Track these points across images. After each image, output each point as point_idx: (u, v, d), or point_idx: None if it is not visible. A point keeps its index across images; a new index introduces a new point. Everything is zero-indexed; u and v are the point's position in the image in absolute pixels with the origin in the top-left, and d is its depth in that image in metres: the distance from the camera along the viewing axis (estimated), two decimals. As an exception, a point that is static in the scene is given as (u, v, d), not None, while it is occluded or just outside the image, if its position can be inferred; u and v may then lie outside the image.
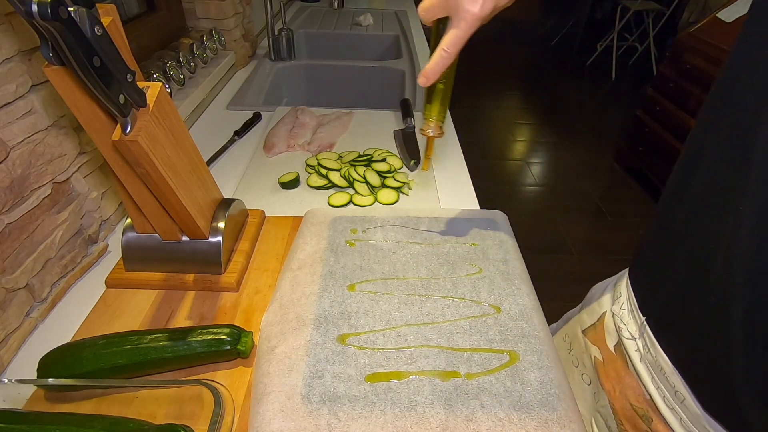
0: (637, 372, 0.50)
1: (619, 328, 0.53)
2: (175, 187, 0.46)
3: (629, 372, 0.51)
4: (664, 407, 0.47)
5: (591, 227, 2.18)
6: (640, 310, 0.50)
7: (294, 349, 0.46)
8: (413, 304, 0.52)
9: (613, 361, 0.54)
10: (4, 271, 0.47)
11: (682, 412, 0.45)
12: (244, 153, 0.88)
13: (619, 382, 0.53)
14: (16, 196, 0.48)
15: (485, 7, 0.40)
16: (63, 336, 0.50)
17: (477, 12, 0.40)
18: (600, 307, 0.59)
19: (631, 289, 0.53)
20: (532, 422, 0.41)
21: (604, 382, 0.55)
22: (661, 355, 0.46)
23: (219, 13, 1.14)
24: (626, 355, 0.52)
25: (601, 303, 0.59)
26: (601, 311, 0.58)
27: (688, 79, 2.04)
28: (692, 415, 0.43)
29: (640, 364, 0.49)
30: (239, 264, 0.58)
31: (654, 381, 0.48)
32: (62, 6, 0.30)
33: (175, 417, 0.42)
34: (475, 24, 0.41)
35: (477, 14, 0.40)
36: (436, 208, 0.73)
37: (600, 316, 0.58)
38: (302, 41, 1.64)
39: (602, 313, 0.58)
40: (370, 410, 0.41)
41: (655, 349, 0.47)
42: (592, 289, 0.64)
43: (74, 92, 0.40)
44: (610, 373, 0.54)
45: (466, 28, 0.41)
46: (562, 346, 0.65)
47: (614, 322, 0.54)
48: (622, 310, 0.53)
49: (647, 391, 0.49)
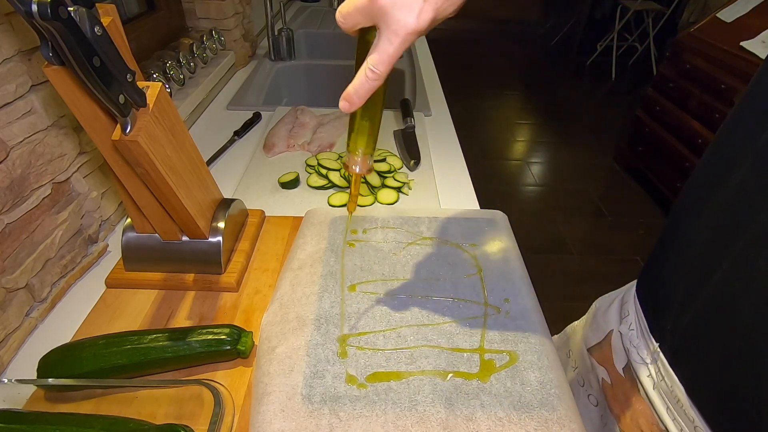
0: (649, 399, 0.45)
1: (627, 350, 0.48)
2: (175, 187, 0.46)
3: (640, 398, 0.46)
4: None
5: (591, 227, 2.18)
6: (651, 333, 0.45)
7: (295, 349, 0.46)
8: (413, 305, 0.52)
9: (622, 384, 0.50)
10: (4, 271, 0.47)
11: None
12: (244, 153, 0.88)
13: (629, 407, 0.48)
14: (16, 196, 0.48)
15: (422, 19, 0.30)
16: (63, 336, 0.50)
17: (412, 25, 0.30)
18: (606, 325, 0.54)
19: (641, 309, 0.48)
20: (531, 422, 0.41)
21: (612, 407, 0.51)
22: (677, 385, 0.41)
23: (219, 13, 1.14)
24: (637, 379, 0.47)
25: (607, 320, 0.54)
26: (608, 329, 0.54)
27: (688, 79, 2.04)
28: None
29: (653, 392, 0.44)
30: (239, 264, 0.58)
31: (669, 412, 0.42)
32: (62, 6, 0.30)
33: (175, 417, 0.42)
34: (409, 39, 0.31)
35: (412, 27, 0.30)
36: (436, 208, 0.73)
37: (606, 335, 0.54)
38: (302, 41, 1.64)
39: (609, 332, 0.53)
40: (371, 409, 0.41)
41: (670, 378, 0.42)
42: (596, 303, 0.60)
43: (74, 92, 0.40)
44: (618, 396, 0.50)
45: (399, 43, 0.31)
46: (566, 362, 0.62)
47: (622, 343, 0.50)
48: (631, 330, 0.49)
49: (661, 421, 0.43)
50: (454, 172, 0.84)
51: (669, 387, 0.42)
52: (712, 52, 1.90)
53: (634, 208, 2.29)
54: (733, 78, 1.78)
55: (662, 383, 0.43)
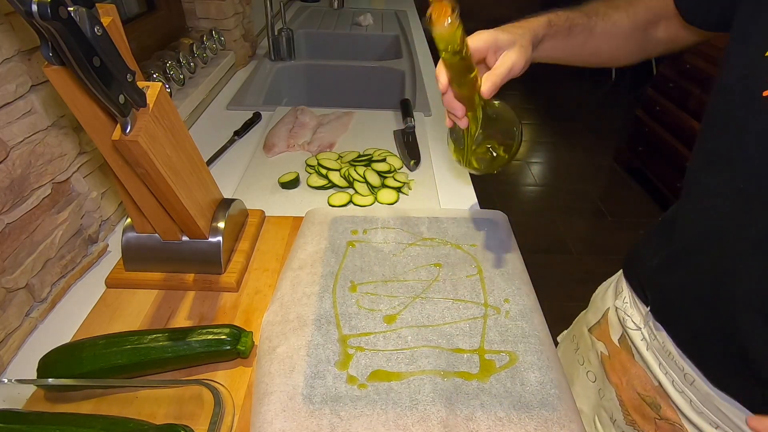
0: (644, 360, 0.51)
1: (623, 320, 0.54)
2: (175, 187, 0.46)
3: (635, 363, 0.53)
4: (674, 391, 0.47)
5: (591, 227, 2.18)
6: (639, 299, 0.52)
7: (295, 349, 0.46)
8: (413, 306, 0.52)
9: (618, 354, 0.55)
10: (4, 271, 0.47)
11: (692, 394, 0.45)
12: (244, 153, 0.88)
13: (625, 373, 0.54)
14: (16, 196, 0.48)
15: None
16: (63, 336, 0.50)
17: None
18: (603, 304, 0.59)
19: (628, 281, 0.54)
20: (531, 422, 0.41)
21: (610, 376, 0.56)
22: (667, 340, 0.47)
23: (219, 13, 1.14)
24: (631, 345, 0.53)
25: (605, 300, 0.59)
26: (605, 308, 0.59)
27: (688, 79, 2.04)
28: (703, 396, 0.43)
29: (647, 353, 0.50)
30: (239, 264, 0.58)
31: (662, 366, 0.48)
32: (62, 6, 0.30)
33: (175, 417, 0.42)
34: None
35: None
36: (436, 208, 0.73)
37: (604, 313, 0.59)
38: (302, 41, 1.64)
39: (606, 310, 0.58)
40: (372, 408, 0.41)
41: (661, 335, 0.48)
42: (597, 290, 0.65)
43: (74, 92, 0.40)
44: (616, 366, 0.55)
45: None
46: (570, 347, 0.66)
47: (618, 316, 0.55)
48: (624, 303, 0.54)
49: (655, 378, 0.49)
50: (454, 172, 0.84)
51: (661, 343, 0.48)
52: (712, 52, 1.90)
53: (634, 208, 2.29)
54: (733, 78, 1.78)
55: (654, 342, 0.49)
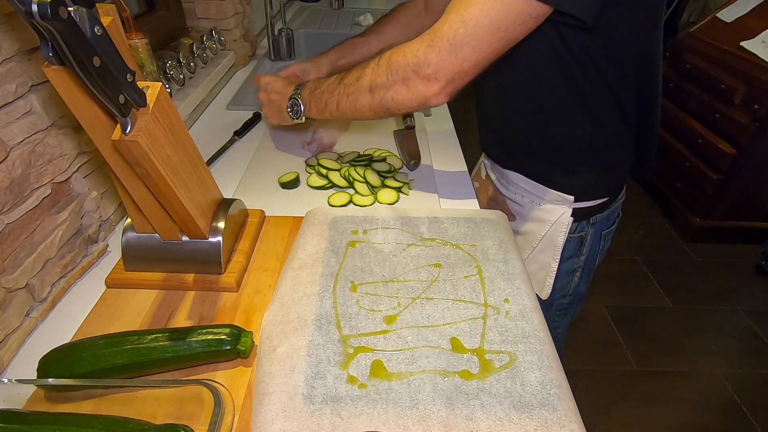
0: (490, 180, 0.85)
1: (485, 164, 0.88)
2: (175, 187, 0.46)
3: (485, 182, 0.87)
4: (493, 176, 0.84)
5: (591, 227, 2.17)
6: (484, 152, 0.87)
7: (296, 349, 0.46)
8: (414, 307, 0.52)
9: (485, 185, 0.88)
10: (4, 271, 0.47)
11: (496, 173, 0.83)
12: (244, 153, 0.88)
13: (485, 192, 0.87)
14: (16, 196, 0.48)
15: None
16: (63, 336, 0.50)
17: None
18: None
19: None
20: (531, 422, 0.41)
21: (481, 199, 0.87)
22: (495, 165, 0.82)
23: (219, 13, 1.14)
24: (487, 177, 0.87)
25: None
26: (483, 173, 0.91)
27: (688, 79, 2.04)
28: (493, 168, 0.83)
29: (491, 173, 0.85)
30: (239, 264, 0.58)
31: (494, 173, 0.84)
32: (62, 6, 0.30)
33: (175, 417, 0.42)
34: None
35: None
36: (436, 208, 0.73)
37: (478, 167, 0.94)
38: (302, 41, 1.64)
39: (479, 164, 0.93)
40: (372, 408, 0.41)
41: (493, 165, 0.83)
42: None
43: (74, 92, 0.40)
44: (482, 190, 0.89)
45: None
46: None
47: (484, 167, 0.89)
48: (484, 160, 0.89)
49: (492, 184, 0.84)
50: (454, 172, 0.84)
51: (491, 165, 0.84)
52: (712, 52, 1.90)
53: (635, 208, 2.29)
54: (733, 78, 1.78)
55: (495, 168, 0.83)
